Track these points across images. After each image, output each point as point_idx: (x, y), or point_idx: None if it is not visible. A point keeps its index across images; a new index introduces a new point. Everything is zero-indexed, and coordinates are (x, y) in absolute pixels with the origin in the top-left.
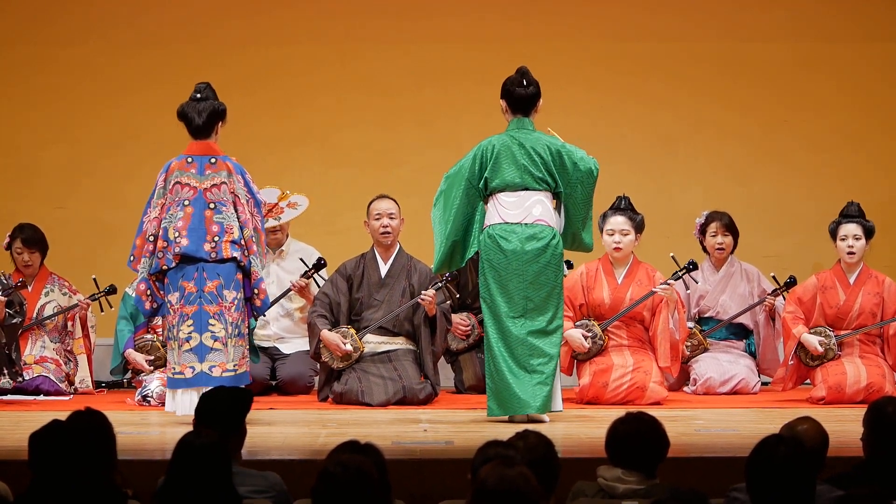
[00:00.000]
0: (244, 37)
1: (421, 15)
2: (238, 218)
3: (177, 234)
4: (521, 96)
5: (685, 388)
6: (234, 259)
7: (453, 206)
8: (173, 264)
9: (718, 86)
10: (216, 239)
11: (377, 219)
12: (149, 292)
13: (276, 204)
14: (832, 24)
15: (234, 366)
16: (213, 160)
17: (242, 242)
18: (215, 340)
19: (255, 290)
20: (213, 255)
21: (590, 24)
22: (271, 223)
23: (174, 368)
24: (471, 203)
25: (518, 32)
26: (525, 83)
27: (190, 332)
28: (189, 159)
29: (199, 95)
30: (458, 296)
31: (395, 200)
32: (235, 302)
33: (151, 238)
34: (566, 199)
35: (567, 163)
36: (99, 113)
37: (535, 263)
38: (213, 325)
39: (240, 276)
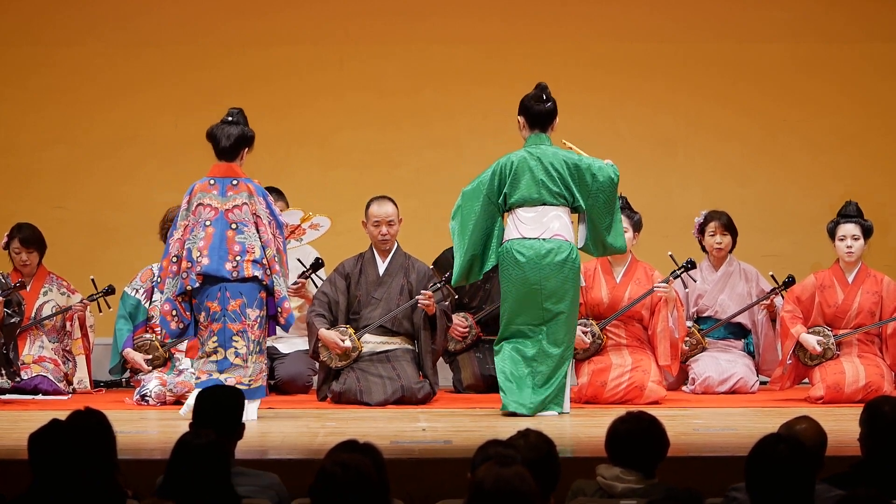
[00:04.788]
0: (244, 37)
1: (420, 16)
2: (260, 238)
3: (199, 254)
4: (539, 112)
5: (684, 388)
6: (255, 278)
7: (471, 221)
8: (197, 284)
9: (718, 86)
10: (238, 258)
11: (376, 226)
12: (174, 312)
13: (299, 225)
14: (832, 24)
15: (250, 380)
16: (234, 182)
17: (264, 262)
18: (237, 357)
19: (279, 309)
20: (235, 274)
21: (589, 24)
22: (293, 244)
23: (194, 373)
24: (489, 218)
25: (517, 34)
26: (544, 98)
27: (216, 347)
28: (211, 181)
29: (230, 119)
30: (455, 296)
31: (393, 202)
32: (258, 320)
33: (175, 259)
34: (589, 210)
35: (586, 176)
36: (98, 113)
37: (555, 278)
38: (236, 342)
39: (263, 294)
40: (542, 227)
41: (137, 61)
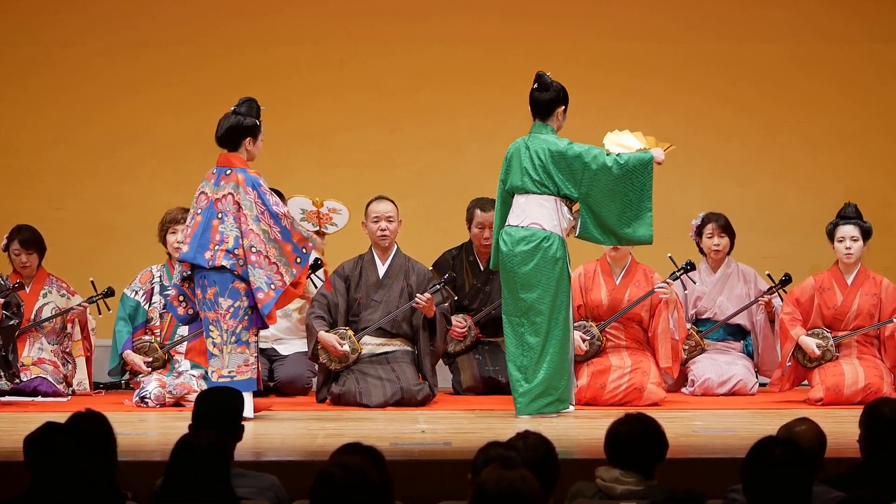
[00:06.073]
0: (244, 37)
1: (420, 16)
2: (239, 228)
3: (183, 241)
4: (535, 101)
5: (683, 390)
6: (224, 267)
7: (496, 206)
8: (189, 272)
9: (718, 87)
10: (216, 248)
11: (375, 221)
12: (181, 298)
13: (318, 210)
14: (832, 24)
15: (230, 372)
16: (227, 172)
17: (238, 252)
18: (214, 346)
19: (255, 300)
20: (212, 262)
21: (589, 24)
22: (330, 229)
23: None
24: (505, 203)
25: (517, 34)
26: (538, 87)
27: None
28: (213, 171)
29: (233, 109)
30: (455, 298)
31: (393, 202)
32: (231, 310)
33: None
34: (585, 199)
35: (574, 165)
36: (98, 114)
37: (525, 266)
38: (212, 331)
39: (238, 284)
40: (523, 214)
41: (137, 61)
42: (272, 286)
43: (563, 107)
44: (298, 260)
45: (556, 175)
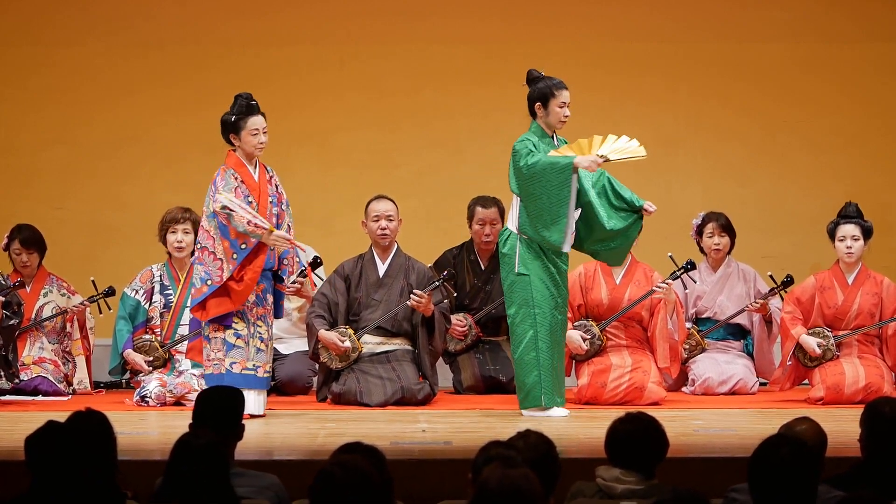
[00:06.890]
0: (244, 37)
1: (420, 16)
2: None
3: None
4: None
5: (684, 389)
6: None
7: None
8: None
9: (718, 86)
10: None
11: (375, 220)
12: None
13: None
14: (832, 24)
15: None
16: None
17: (195, 249)
18: None
19: None
20: None
21: (589, 24)
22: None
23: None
24: None
25: (517, 34)
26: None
27: None
28: None
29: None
30: (454, 294)
31: (393, 201)
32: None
33: None
34: (520, 195)
35: (512, 161)
36: (98, 114)
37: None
38: None
39: None
40: None
41: (137, 61)
42: (208, 282)
43: (539, 103)
44: (234, 256)
45: (510, 171)
